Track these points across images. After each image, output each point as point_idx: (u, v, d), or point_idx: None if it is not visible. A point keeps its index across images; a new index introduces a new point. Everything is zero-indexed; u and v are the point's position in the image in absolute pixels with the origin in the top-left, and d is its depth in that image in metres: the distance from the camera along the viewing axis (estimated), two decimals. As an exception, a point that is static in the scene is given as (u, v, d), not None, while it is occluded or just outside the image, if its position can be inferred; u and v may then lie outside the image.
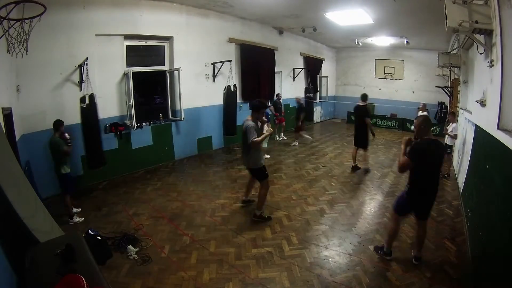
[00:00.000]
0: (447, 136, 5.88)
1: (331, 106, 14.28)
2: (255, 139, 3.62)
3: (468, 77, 5.36)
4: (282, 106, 9.14)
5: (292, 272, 2.93)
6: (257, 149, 3.81)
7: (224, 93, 7.06)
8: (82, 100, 4.77)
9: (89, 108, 4.75)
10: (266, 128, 4.21)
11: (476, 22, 2.91)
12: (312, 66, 11.75)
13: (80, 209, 4.30)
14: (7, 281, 1.90)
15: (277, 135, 9.13)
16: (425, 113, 6.40)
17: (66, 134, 3.94)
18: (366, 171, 6.21)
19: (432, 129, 9.20)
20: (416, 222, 3.10)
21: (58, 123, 3.92)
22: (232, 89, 7.00)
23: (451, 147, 6.04)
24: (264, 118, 4.06)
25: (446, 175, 5.80)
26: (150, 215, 4.21)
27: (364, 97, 6.15)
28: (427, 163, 2.74)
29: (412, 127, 6.72)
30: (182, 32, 6.62)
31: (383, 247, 3.20)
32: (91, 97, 4.69)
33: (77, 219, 4.01)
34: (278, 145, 8.59)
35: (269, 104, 8.35)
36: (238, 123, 7.49)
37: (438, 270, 2.94)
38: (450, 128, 5.85)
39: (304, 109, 8.78)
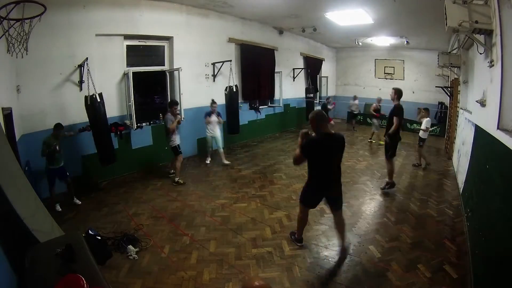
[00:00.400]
0: (420, 130, 6.49)
1: (331, 106, 14.25)
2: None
3: (468, 77, 5.36)
4: None
5: (292, 272, 2.93)
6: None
7: (226, 93, 7.07)
8: (89, 99, 4.73)
9: (98, 106, 4.74)
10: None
11: (476, 22, 2.91)
12: (312, 66, 11.75)
13: (80, 202, 4.56)
14: (7, 281, 1.90)
15: None
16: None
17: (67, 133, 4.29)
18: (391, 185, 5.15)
19: (431, 129, 9.19)
20: (332, 212, 3.24)
21: (55, 126, 4.19)
22: (234, 89, 7.02)
23: (423, 140, 6.46)
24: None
25: (416, 164, 6.55)
26: (150, 215, 4.21)
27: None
28: (321, 157, 2.83)
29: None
30: (182, 32, 6.62)
31: (295, 233, 3.43)
32: (100, 95, 4.69)
33: (59, 208, 4.26)
34: (281, 144, 8.60)
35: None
36: (240, 122, 7.55)
37: (438, 270, 2.94)
38: (423, 122, 6.42)
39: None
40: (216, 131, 6.48)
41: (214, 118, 6.40)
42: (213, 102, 6.43)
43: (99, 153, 4.91)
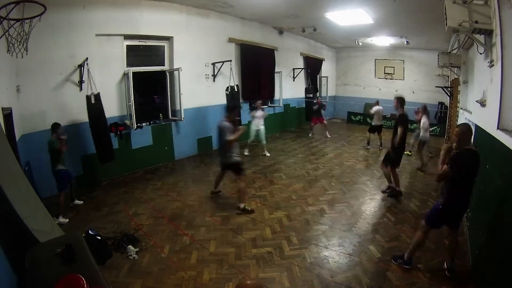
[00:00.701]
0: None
1: (331, 106, 14.28)
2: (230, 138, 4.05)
3: (468, 77, 5.37)
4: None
5: (292, 272, 2.93)
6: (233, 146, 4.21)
7: (227, 94, 7.07)
8: (89, 98, 4.75)
9: (97, 106, 4.76)
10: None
11: (476, 22, 2.91)
12: (312, 66, 11.75)
13: (82, 202, 4.53)
14: (7, 281, 1.90)
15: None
16: (378, 107, 6.40)
17: (62, 136, 4.13)
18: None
19: (431, 129, 9.14)
20: (449, 231, 2.91)
21: (54, 126, 4.12)
22: (236, 89, 7.03)
23: (424, 142, 6.44)
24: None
25: (422, 169, 6.26)
26: (150, 215, 4.21)
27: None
28: (469, 176, 2.58)
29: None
30: (182, 32, 6.62)
31: (403, 256, 3.01)
32: (97, 96, 4.71)
33: (62, 219, 3.97)
34: (281, 144, 8.60)
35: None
36: (242, 122, 7.53)
37: (438, 270, 2.94)
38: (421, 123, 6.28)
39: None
40: (260, 125, 7.16)
41: (259, 113, 7.03)
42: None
43: (98, 152, 4.93)
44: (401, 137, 4.46)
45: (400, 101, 4.56)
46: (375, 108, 8.09)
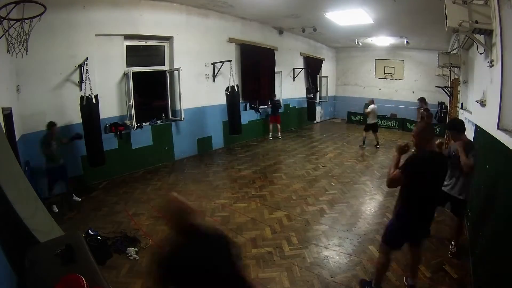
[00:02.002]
0: None
1: (331, 106, 14.28)
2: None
3: (468, 77, 5.36)
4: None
5: (292, 272, 2.93)
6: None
7: (227, 93, 7.07)
8: (84, 99, 4.74)
9: (91, 108, 4.74)
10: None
11: (476, 22, 2.91)
12: (312, 66, 11.75)
13: (80, 199, 4.64)
14: (7, 281, 1.90)
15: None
16: (373, 106, 5.59)
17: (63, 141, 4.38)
18: None
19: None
20: (410, 248, 2.57)
21: (48, 124, 4.21)
22: (236, 89, 7.03)
23: None
24: None
25: None
26: (150, 215, 4.20)
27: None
28: (425, 182, 2.20)
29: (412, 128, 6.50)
30: (182, 32, 6.62)
31: (370, 282, 2.65)
32: (95, 97, 4.69)
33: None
34: (281, 144, 8.60)
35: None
36: (242, 122, 7.56)
37: (438, 270, 2.94)
38: None
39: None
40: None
41: None
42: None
43: (88, 154, 4.89)
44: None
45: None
46: (370, 107, 8.17)
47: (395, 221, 2.44)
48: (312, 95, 11.14)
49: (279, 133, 9.36)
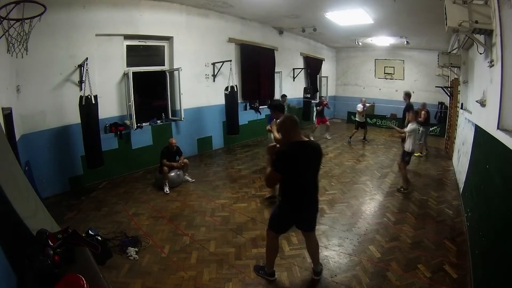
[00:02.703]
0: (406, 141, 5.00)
1: (331, 106, 14.25)
2: None
3: (468, 77, 5.36)
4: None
5: (292, 272, 2.93)
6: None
7: (226, 93, 7.07)
8: (83, 100, 4.73)
9: (90, 108, 4.73)
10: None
11: (476, 22, 2.91)
12: (312, 66, 11.75)
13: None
14: (7, 281, 1.89)
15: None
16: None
17: None
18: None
19: (431, 129, 9.12)
20: (303, 234, 2.81)
21: None
22: (235, 89, 7.04)
23: (410, 154, 4.98)
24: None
25: (401, 189, 5.03)
26: (150, 215, 4.20)
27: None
28: (296, 171, 2.33)
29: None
30: (182, 32, 6.62)
31: (264, 267, 2.85)
32: (95, 97, 4.69)
33: None
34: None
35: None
36: (240, 122, 7.54)
37: (438, 270, 2.94)
38: (407, 128, 4.97)
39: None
40: None
41: None
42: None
43: (86, 156, 4.84)
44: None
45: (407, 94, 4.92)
46: (360, 106, 8.67)
47: (276, 209, 2.65)
48: (309, 95, 11.13)
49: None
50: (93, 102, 4.62)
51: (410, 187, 5.17)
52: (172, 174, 5.17)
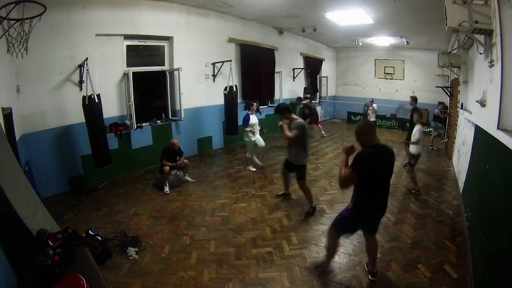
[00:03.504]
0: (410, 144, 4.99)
1: (331, 106, 14.28)
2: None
3: (468, 77, 5.36)
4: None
5: (292, 272, 2.93)
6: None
7: (226, 93, 7.07)
8: (87, 99, 4.71)
9: (94, 107, 4.72)
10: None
11: (476, 22, 2.91)
12: (312, 66, 11.75)
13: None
14: (7, 281, 1.90)
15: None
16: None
17: None
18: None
19: (431, 129, 9.16)
20: (364, 236, 2.86)
21: None
22: (234, 89, 7.03)
23: (415, 157, 4.90)
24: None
25: (413, 191, 4.94)
26: (150, 215, 4.21)
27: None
28: (376, 174, 2.41)
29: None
30: (182, 32, 6.62)
31: (320, 265, 2.96)
32: (98, 96, 4.68)
33: None
34: (281, 144, 8.61)
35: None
36: (239, 123, 7.50)
37: (438, 270, 2.94)
38: (414, 133, 4.90)
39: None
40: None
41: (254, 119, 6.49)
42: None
43: (94, 155, 4.83)
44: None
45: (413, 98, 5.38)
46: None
47: (349, 211, 2.64)
48: (309, 95, 11.13)
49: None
50: (97, 101, 4.60)
51: (409, 187, 5.16)
52: (172, 174, 5.16)
